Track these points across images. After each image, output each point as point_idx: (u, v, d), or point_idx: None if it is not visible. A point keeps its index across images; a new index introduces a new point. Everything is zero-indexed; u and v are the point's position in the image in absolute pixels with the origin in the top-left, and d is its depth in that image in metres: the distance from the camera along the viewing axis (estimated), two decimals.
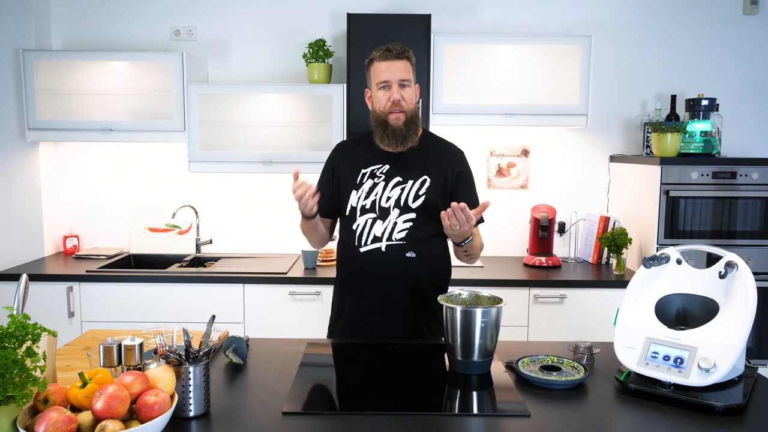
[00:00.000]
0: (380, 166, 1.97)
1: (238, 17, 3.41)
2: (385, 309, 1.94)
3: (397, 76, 1.90)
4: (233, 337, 1.69)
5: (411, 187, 1.93)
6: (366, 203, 1.94)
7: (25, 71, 3.10)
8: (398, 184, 1.94)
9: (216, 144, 3.15)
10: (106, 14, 3.40)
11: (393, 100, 1.90)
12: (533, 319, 2.94)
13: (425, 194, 1.93)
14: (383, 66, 1.91)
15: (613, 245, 3.10)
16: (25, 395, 1.16)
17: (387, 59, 1.91)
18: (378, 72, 1.92)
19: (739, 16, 3.41)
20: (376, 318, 1.94)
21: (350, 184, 1.98)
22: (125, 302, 2.92)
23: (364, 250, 1.93)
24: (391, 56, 1.90)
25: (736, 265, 1.50)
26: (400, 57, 1.91)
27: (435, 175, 1.96)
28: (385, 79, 1.91)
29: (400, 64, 1.91)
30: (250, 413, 1.37)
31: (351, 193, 1.97)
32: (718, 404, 1.37)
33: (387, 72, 1.90)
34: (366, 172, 1.97)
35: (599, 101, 3.40)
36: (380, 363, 1.71)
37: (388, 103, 1.91)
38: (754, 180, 2.93)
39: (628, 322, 1.58)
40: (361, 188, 1.96)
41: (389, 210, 1.92)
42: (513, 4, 3.40)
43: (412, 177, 1.95)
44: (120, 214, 3.50)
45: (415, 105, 1.97)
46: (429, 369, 1.66)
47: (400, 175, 1.95)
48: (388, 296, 1.93)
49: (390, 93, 1.91)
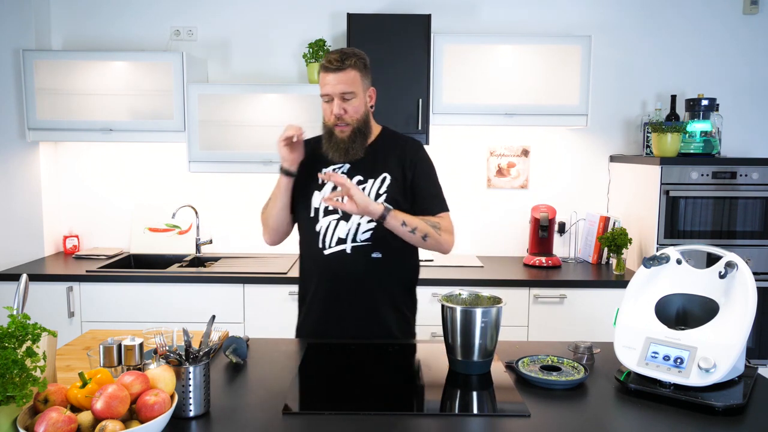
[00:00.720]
0: (340, 165, 1.93)
1: (238, 17, 3.41)
2: (353, 310, 1.90)
3: (338, 89, 1.83)
4: (233, 337, 1.69)
5: (372, 186, 1.90)
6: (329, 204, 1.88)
7: (25, 71, 3.10)
8: (359, 184, 1.90)
9: (216, 144, 3.15)
10: (106, 14, 3.40)
11: (335, 115, 1.85)
12: (533, 319, 2.94)
13: (387, 192, 1.89)
14: (323, 79, 1.84)
15: (613, 245, 3.10)
16: (25, 395, 1.16)
17: (327, 71, 1.83)
18: (321, 83, 1.85)
19: (739, 16, 3.41)
20: (344, 320, 1.90)
21: (312, 185, 1.93)
22: (125, 302, 2.92)
23: (329, 253, 1.88)
24: (331, 68, 1.82)
25: (736, 265, 1.50)
26: (341, 69, 1.81)
27: (395, 172, 1.91)
28: (326, 92, 1.84)
29: (340, 77, 1.82)
30: (250, 413, 1.37)
31: (314, 194, 1.92)
32: (718, 404, 1.37)
33: (327, 85, 1.83)
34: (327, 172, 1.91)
35: (599, 101, 3.40)
36: (380, 363, 1.71)
37: (332, 118, 1.86)
38: (754, 180, 2.93)
39: (628, 322, 1.58)
40: (323, 189, 1.92)
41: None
42: (513, 4, 3.40)
43: (372, 175, 1.91)
44: (120, 214, 3.50)
45: (364, 114, 1.89)
46: (429, 369, 1.66)
47: (361, 174, 1.91)
48: (355, 298, 1.90)
49: (331, 107, 1.85)
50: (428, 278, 2.88)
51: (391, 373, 1.64)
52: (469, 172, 3.49)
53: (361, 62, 1.86)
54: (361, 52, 1.89)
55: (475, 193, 3.50)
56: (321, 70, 1.85)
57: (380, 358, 1.74)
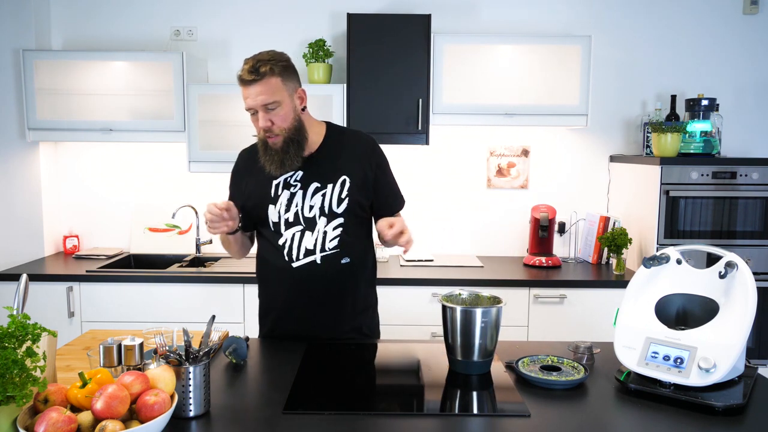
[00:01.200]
0: (292, 173, 1.84)
1: (238, 17, 3.41)
2: (325, 316, 1.87)
3: (258, 101, 1.72)
4: (233, 337, 1.69)
5: (332, 192, 1.83)
6: (288, 216, 1.82)
7: (25, 71, 3.10)
8: (318, 191, 1.83)
9: (216, 144, 3.14)
10: (106, 14, 3.40)
11: (262, 127, 1.76)
12: (533, 319, 2.94)
13: (348, 196, 1.83)
14: (243, 93, 1.75)
15: (613, 245, 3.10)
16: (25, 395, 1.16)
17: (244, 83, 1.73)
18: (243, 96, 1.76)
19: (739, 16, 3.41)
20: (316, 325, 1.87)
21: (265, 198, 1.85)
22: (125, 302, 2.92)
23: (298, 265, 1.82)
24: (246, 82, 1.72)
25: (736, 265, 1.50)
26: (257, 80, 1.70)
27: (354, 172, 1.84)
28: (248, 106, 1.75)
29: (257, 88, 1.71)
30: (250, 413, 1.37)
31: (269, 208, 1.84)
32: (718, 404, 1.37)
33: (248, 98, 1.73)
34: (279, 182, 1.85)
35: (599, 101, 3.40)
36: (380, 362, 1.71)
37: (261, 131, 1.78)
38: (754, 180, 2.93)
39: (628, 322, 1.58)
40: (278, 201, 1.83)
41: (315, 219, 1.82)
42: (513, 4, 3.40)
43: (330, 180, 1.83)
44: (120, 214, 3.50)
45: (293, 121, 1.78)
46: (429, 369, 1.66)
47: (317, 180, 1.83)
48: (325, 304, 1.86)
49: (258, 119, 1.76)
50: (428, 278, 2.88)
51: (391, 373, 1.64)
52: (469, 172, 3.49)
53: (279, 66, 1.73)
54: (278, 54, 1.77)
55: (475, 193, 3.50)
56: (241, 85, 1.74)
57: (380, 358, 1.74)
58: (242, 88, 1.75)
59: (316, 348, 1.79)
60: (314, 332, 1.87)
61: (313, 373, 1.62)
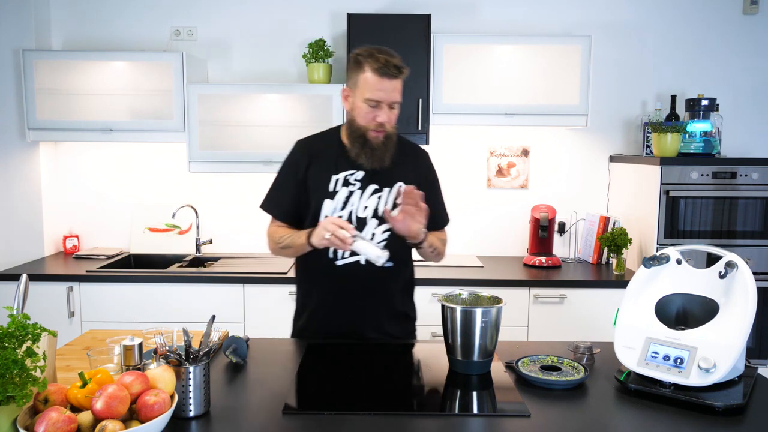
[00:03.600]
0: (353, 172, 1.86)
1: (238, 17, 3.41)
2: (361, 319, 1.88)
3: (391, 97, 1.77)
4: (233, 337, 1.69)
5: (388, 196, 1.86)
6: (343, 213, 1.83)
7: (25, 71, 3.10)
8: (375, 192, 1.85)
9: (216, 144, 3.15)
10: (106, 14, 3.40)
11: (379, 122, 1.78)
12: (533, 319, 2.94)
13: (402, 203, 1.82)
14: (377, 82, 1.74)
15: (613, 245, 3.10)
16: (25, 395, 1.16)
17: (384, 76, 1.74)
18: (369, 86, 1.75)
19: (739, 16, 3.41)
20: (350, 327, 1.88)
21: (322, 192, 1.85)
22: (125, 302, 2.92)
23: (342, 264, 1.84)
24: (389, 75, 1.74)
25: (736, 265, 1.50)
26: (397, 76, 1.75)
27: (409, 181, 1.85)
28: (378, 98, 1.76)
29: (396, 84, 1.76)
30: (250, 413, 1.37)
31: (324, 203, 1.84)
32: (718, 404, 1.37)
33: (381, 91, 1.75)
34: (339, 179, 1.85)
35: (599, 101, 3.40)
36: (380, 363, 1.71)
37: (373, 123, 1.78)
38: (754, 180, 2.93)
39: (628, 322, 1.58)
40: (336, 197, 1.84)
41: (366, 220, 1.84)
42: (513, 4, 3.40)
43: (387, 184, 1.86)
44: (120, 214, 3.50)
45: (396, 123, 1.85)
46: (429, 369, 1.66)
47: (376, 183, 1.86)
48: (362, 306, 1.87)
49: (377, 113, 1.77)
50: (428, 278, 2.88)
51: (391, 373, 1.64)
52: (469, 172, 3.49)
53: (407, 73, 1.81)
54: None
55: (475, 193, 3.50)
56: (375, 73, 1.74)
57: (380, 358, 1.74)
58: (377, 78, 1.74)
59: (316, 348, 1.79)
60: (347, 332, 1.88)
61: (313, 373, 1.62)
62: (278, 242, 1.89)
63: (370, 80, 1.75)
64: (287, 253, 1.90)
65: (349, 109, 1.85)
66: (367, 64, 1.76)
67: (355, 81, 1.79)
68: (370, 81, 1.75)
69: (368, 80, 1.76)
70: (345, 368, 1.67)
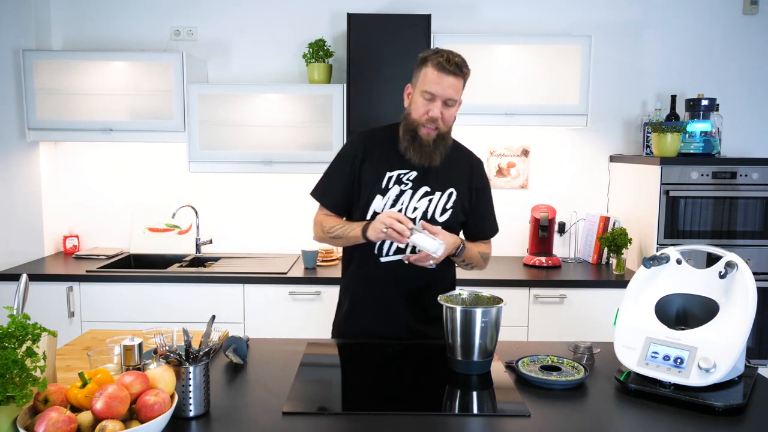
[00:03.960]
0: (407, 171, 1.86)
1: (238, 17, 3.41)
2: (396, 316, 1.89)
3: (446, 93, 1.77)
4: (233, 337, 1.69)
5: (439, 200, 1.86)
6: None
7: (25, 71, 3.10)
8: (426, 195, 1.86)
9: (216, 144, 3.15)
10: (106, 14, 3.40)
11: (431, 116, 1.79)
12: (533, 319, 2.94)
13: (452, 208, 1.87)
14: (435, 76, 1.76)
15: (613, 245, 3.10)
16: (25, 395, 1.16)
17: (442, 71, 1.76)
18: (427, 80, 1.77)
19: (739, 16, 3.41)
20: (385, 323, 1.89)
21: (374, 187, 1.85)
22: (125, 302, 2.92)
23: (386, 261, 1.85)
24: (447, 71, 1.75)
25: (736, 265, 1.50)
26: (456, 74, 1.77)
27: (461, 188, 1.89)
28: (432, 92, 1.77)
29: (452, 81, 1.77)
30: (250, 413, 1.37)
31: (375, 198, 1.84)
32: (718, 404, 1.37)
33: (437, 85, 1.76)
34: (392, 176, 1.85)
35: (599, 101, 3.40)
36: (380, 363, 1.71)
37: (425, 116, 1.79)
38: (754, 180, 2.93)
39: (628, 322, 1.58)
40: (387, 194, 1.84)
41: (414, 222, 1.84)
42: (513, 4, 3.40)
43: (439, 188, 1.87)
44: (120, 214, 3.50)
45: (452, 124, 1.87)
46: (429, 369, 1.66)
47: (428, 185, 1.86)
48: (401, 305, 1.88)
49: (431, 107, 1.78)
50: None
51: (390, 373, 1.64)
52: None
53: (468, 74, 1.83)
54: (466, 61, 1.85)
55: None
56: (434, 67, 1.76)
57: (380, 358, 1.74)
58: (436, 72, 1.76)
59: (316, 348, 1.79)
60: (383, 330, 1.88)
61: (313, 373, 1.62)
62: (328, 231, 1.88)
63: (429, 74, 1.78)
64: (337, 242, 1.90)
65: (406, 105, 1.87)
66: (430, 59, 1.79)
67: (417, 76, 1.82)
68: (429, 75, 1.78)
69: (427, 74, 1.78)
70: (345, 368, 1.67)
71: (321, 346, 1.81)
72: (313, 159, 3.09)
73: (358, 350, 1.80)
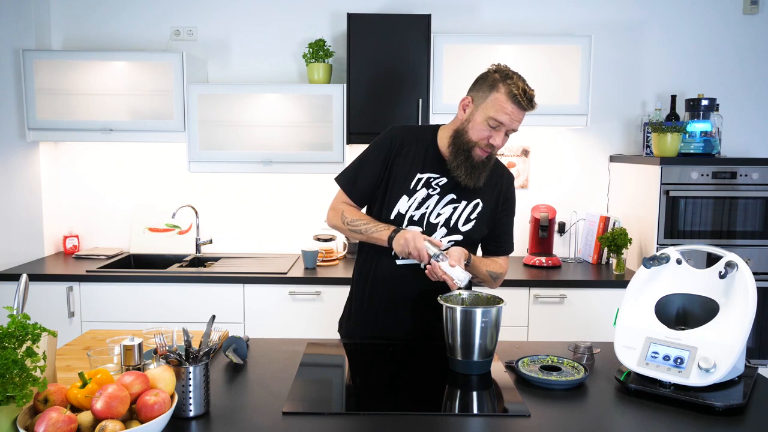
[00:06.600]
0: (437, 176, 1.84)
1: (238, 17, 3.41)
2: (407, 319, 1.88)
3: (513, 126, 1.76)
4: (233, 337, 1.69)
5: (464, 209, 1.84)
6: (415, 214, 1.82)
7: (25, 71, 3.10)
8: (452, 202, 1.84)
9: (216, 144, 3.15)
10: (106, 14, 3.40)
11: (493, 144, 1.76)
12: (533, 319, 2.94)
13: (476, 219, 1.85)
14: (507, 107, 1.72)
15: (613, 245, 3.10)
16: (25, 395, 1.16)
17: (518, 105, 1.72)
18: (497, 106, 1.73)
19: (739, 16, 3.41)
20: (394, 326, 1.89)
21: (402, 187, 1.83)
22: (125, 302, 2.92)
23: (402, 263, 1.83)
24: (521, 104, 1.72)
25: (736, 265, 1.50)
26: (528, 108, 1.75)
27: (487, 200, 1.87)
28: (503, 122, 1.73)
29: (522, 115, 1.76)
30: (250, 413, 1.37)
31: (402, 198, 1.82)
32: (718, 404, 1.37)
33: (508, 116, 1.73)
34: (422, 178, 1.83)
35: (599, 101, 3.40)
36: (380, 363, 1.71)
37: (485, 141, 1.76)
38: (754, 180, 2.93)
39: (628, 322, 1.58)
40: (414, 196, 1.82)
41: (436, 228, 1.83)
42: (513, 4, 3.40)
43: (466, 197, 1.85)
44: (120, 214, 3.50)
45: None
46: (429, 369, 1.66)
47: (455, 193, 1.84)
48: (413, 309, 1.87)
49: (494, 135, 1.75)
50: None
51: (390, 373, 1.64)
52: None
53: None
54: None
55: None
56: (507, 96, 1.72)
57: (380, 358, 1.74)
58: (510, 104, 1.72)
59: (316, 348, 1.79)
60: (390, 328, 1.88)
61: (313, 373, 1.62)
62: (350, 224, 1.86)
63: (500, 101, 1.73)
64: (354, 236, 1.87)
65: (463, 119, 1.81)
66: (503, 84, 1.73)
67: (485, 96, 1.76)
68: (500, 102, 1.73)
69: (498, 100, 1.73)
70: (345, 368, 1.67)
71: (321, 346, 1.81)
72: (313, 159, 3.09)
73: (358, 350, 1.80)
